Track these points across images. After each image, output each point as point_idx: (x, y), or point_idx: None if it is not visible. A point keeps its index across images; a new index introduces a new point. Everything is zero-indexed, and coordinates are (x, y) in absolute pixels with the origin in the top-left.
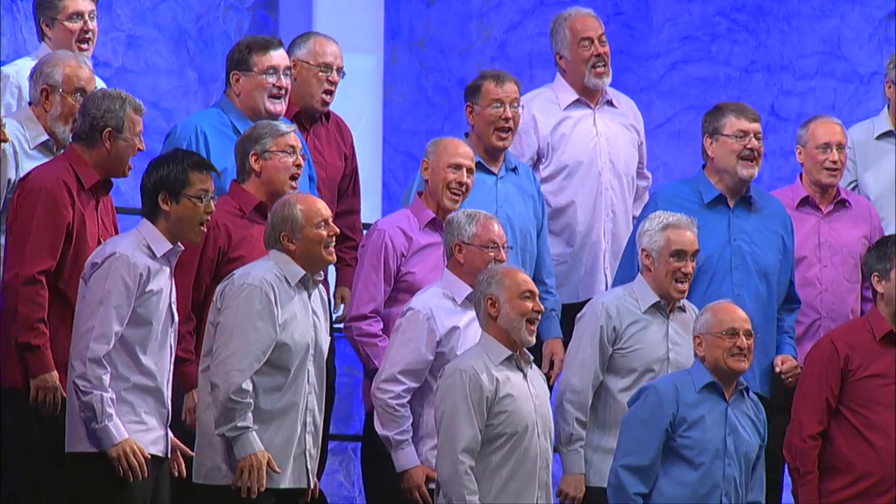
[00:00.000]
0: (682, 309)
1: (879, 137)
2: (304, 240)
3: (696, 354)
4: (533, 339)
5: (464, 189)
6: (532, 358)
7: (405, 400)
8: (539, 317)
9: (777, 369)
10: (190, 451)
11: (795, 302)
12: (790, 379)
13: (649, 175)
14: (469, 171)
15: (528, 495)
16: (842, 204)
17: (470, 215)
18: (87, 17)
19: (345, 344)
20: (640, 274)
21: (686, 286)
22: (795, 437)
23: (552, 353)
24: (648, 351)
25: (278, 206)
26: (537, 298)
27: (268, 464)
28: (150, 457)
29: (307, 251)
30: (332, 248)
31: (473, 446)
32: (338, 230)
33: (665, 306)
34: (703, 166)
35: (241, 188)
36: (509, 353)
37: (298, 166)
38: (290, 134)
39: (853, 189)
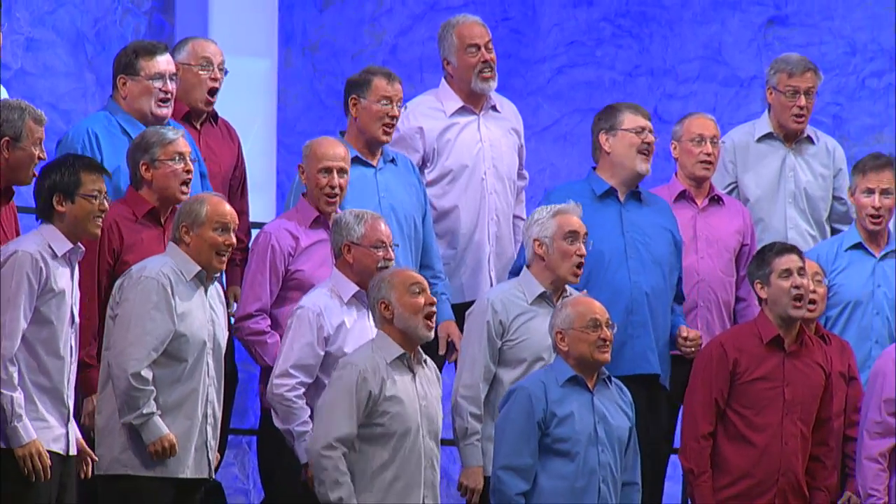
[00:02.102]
0: (568, 297)
1: (760, 140)
2: (199, 238)
3: (555, 349)
4: (431, 334)
5: (338, 191)
6: (425, 358)
7: (300, 392)
8: (434, 309)
9: (682, 336)
10: (94, 456)
11: (681, 297)
12: (692, 349)
13: (527, 175)
14: (341, 171)
15: (413, 495)
16: (716, 200)
17: (357, 216)
18: None
19: (235, 340)
20: (525, 267)
21: (580, 272)
22: (689, 438)
23: (448, 334)
24: (536, 341)
25: (190, 199)
26: (428, 291)
27: (171, 448)
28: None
29: (199, 250)
30: (223, 258)
31: (348, 437)
32: (234, 241)
33: (551, 296)
34: (594, 167)
35: (137, 194)
36: (402, 351)
37: (189, 171)
38: (178, 140)
39: (733, 190)
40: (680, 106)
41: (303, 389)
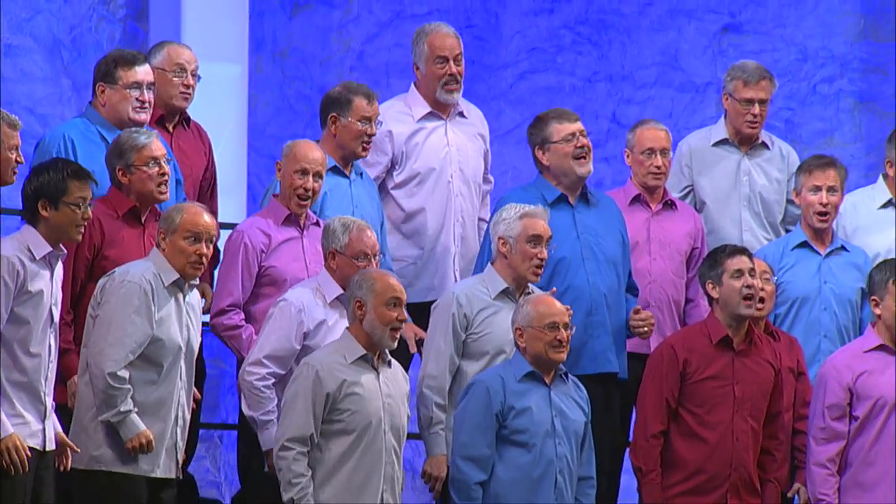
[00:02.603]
0: (531, 294)
1: (716, 145)
2: (172, 245)
3: (516, 345)
4: (394, 345)
5: (310, 194)
6: (390, 359)
7: (270, 382)
8: (401, 325)
9: (634, 318)
10: (76, 448)
11: (635, 289)
12: (645, 328)
13: (492, 179)
14: (316, 175)
15: (372, 489)
16: (669, 205)
17: (345, 225)
18: None
19: (210, 337)
20: (490, 264)
21: (540, 272)
22: (639, 436)
23: (416, 335)
24: (499, 335)
25: (171, 207)
26: (402, 306)
27: (148, 444)
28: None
29: (172, 257)
30: (197, 266)
31: (303, 437)
32: (206, 251)
33: (514, 292)
34: (540, 173)
35: (118, 193)
36: (364, 352)
37: (164, 174)
38: (151, 144)
39: (689, 193)
40: (637, 110)
41: (273, 380)
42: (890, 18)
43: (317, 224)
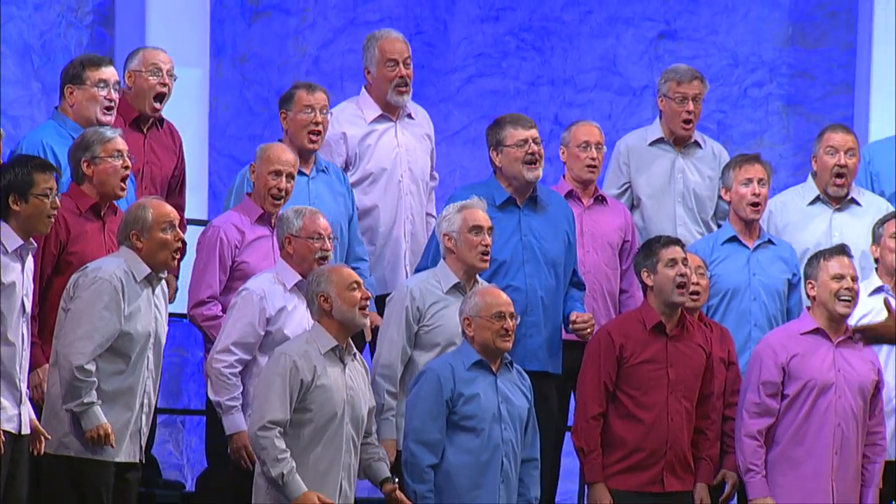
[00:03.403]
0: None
1: (651, 144)
2: (150, 240)
3: (464, 334)
4: (367, 321)
5: (283, 194)
6: (356, 352)
7: (237, 370)
8: (367, 303)
9: (572, 322)
10: (47, 435)
11: (581, 285)
12: (587, 330)
13: (437, 176)
14: (289, 176)
15: (332, 476)
16: (600, 200)
17: (297, 211)
18: None
19: (173, 327)
20: (442, 259)
21: (488, 258)
22: (580, 418)
23: (371, 321)
24: (449, 328)
25: (133, 206)
26: (363, 287)
27: (107, 437)
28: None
29: (151, 252)
30: (176, 255)
31: (282, 421)
32: (183, 236)
33: (464, 286)
34: (494, 173)
35: (79, 189)
36: (335, 343)
37: (127, 168)
38: (116, 139)
39: (627, 190)
40: (578, 112)
41: (240, 367)
42: (816, 26)
43: None
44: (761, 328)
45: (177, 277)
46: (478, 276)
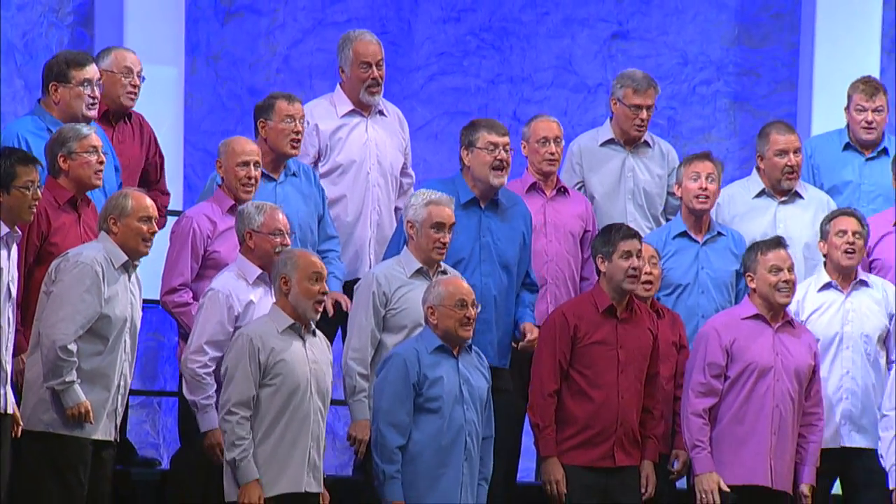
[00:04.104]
0: (445, 272)
1: (603, 144)
2: (126, 227)
3: (426, 321)
4: (317, 317)
5: (253, 182)
6: (315, 329)
7: (210, 369)
8: (324, 297)
9: (526, 338)
10: (20, 420)
11: (534, 286)
12: (530, 346)
13: (412, 173)
14: (256, 164)
15: (301, 444)
16: (562, 191)
17: (258, 207)
18: None
19: (149, 313)
20: (405, 246)
21: (444, 252)
22: (536, 395)
23: (335, 299)
24: (416, 309)
25: (116, 194)
26: (324, 281)
27: (87, 414)
28: None
29: (127, 239)
30: (148, 244)
31: (246, 401)
32: (157, 229)
33: (427, 271)
34: (461, 170)
35: (56, 182)
36: (292, 321)
37: (101, 162)
38: (91, 135)
39: (580, 188)
40: (536, 109)
41: (213, 367)
42: (761, 27)
43: None
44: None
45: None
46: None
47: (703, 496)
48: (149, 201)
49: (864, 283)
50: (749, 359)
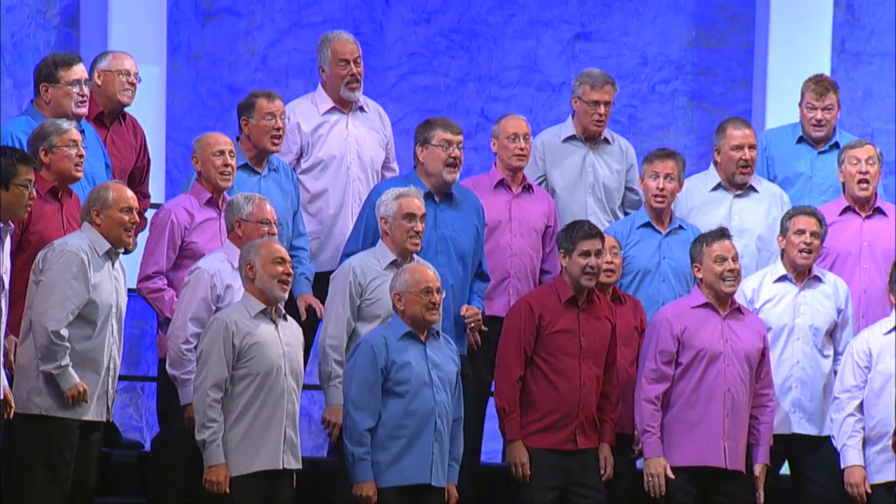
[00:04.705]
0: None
1: (565, 140)
2: (108, 218)
3: (394, 308)
4: (284, 296)
5: (230, 169)
6: (285, 314)
7: (192, 345)
8: (289, 279)
9: (462, 313)
10: (12, 403)
11: (486, 276)
12: (472, 323)
13: (396, 167)
14: (231, 153)
15: (275, 424)
16: (528, 188)
17: (247, 197)
18: None
19: (133, 301)
20: (380, 239)
21: (418, 241)
22: (502, 381)
23: (307, 303)
24: (389, 300)
25: (98, 186)
26: (287, 264)
27: (84, 393)
28: None
29: (109, 229)
30: (130, 234)
31: (220, 382)
32: (138, 220)
33: (401, 263)
34: (415, 167)
35: (38, 175)
36: (263, 307)
37: (81, 156)
38: (72, 129)
39: (542, 182)
40: (503, 107)
41: (195, 342)
42: (718, 28)
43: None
44: None
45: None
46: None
47: (650, 479)
48: (129, 193)
49: (818, 279)
50: (699, 345)
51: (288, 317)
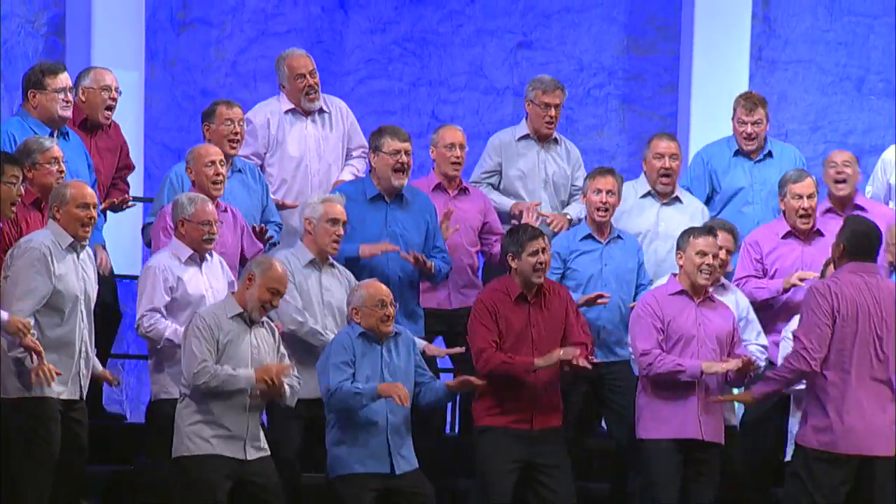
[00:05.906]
0: (332, 265)
1: (519, 140)
2: (66, 214)
3: (349, 320)
4: (260, 319)
5: (221, 178)
6: (264, 320)
7: (153, 320)
8: (274, 308)
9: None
10: None
11: (444, 252)
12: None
13: (365, 142)
14: (221, 162)
15: (240, 419)
16: (463, 190)
17: (191, 198)
18: None
19: (118, 286)
20: (300, 240)
21: (339, 245)
22: (480, 352)
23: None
24: (306, 299)
25: (58, 185)
26: (279, 296)
27: (50, 371)
28: None
29: (67, 224)
30: (87, 229)
31: (208, 361)
32: (95, 216)
33: (319, 262)
34: (369, 171)
35: (25, 188)
36: (240, 310)
37: (62, 172)
38: (53, 148)
39: (493, 177)
40: (451, 110)
41: (154, 321)
42: (647, 37)
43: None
44: (610, 310)
45: (104, 247)
46: (332, 261)
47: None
48: (88, 190)
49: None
50: (675, 329)
51: (265, 322)
